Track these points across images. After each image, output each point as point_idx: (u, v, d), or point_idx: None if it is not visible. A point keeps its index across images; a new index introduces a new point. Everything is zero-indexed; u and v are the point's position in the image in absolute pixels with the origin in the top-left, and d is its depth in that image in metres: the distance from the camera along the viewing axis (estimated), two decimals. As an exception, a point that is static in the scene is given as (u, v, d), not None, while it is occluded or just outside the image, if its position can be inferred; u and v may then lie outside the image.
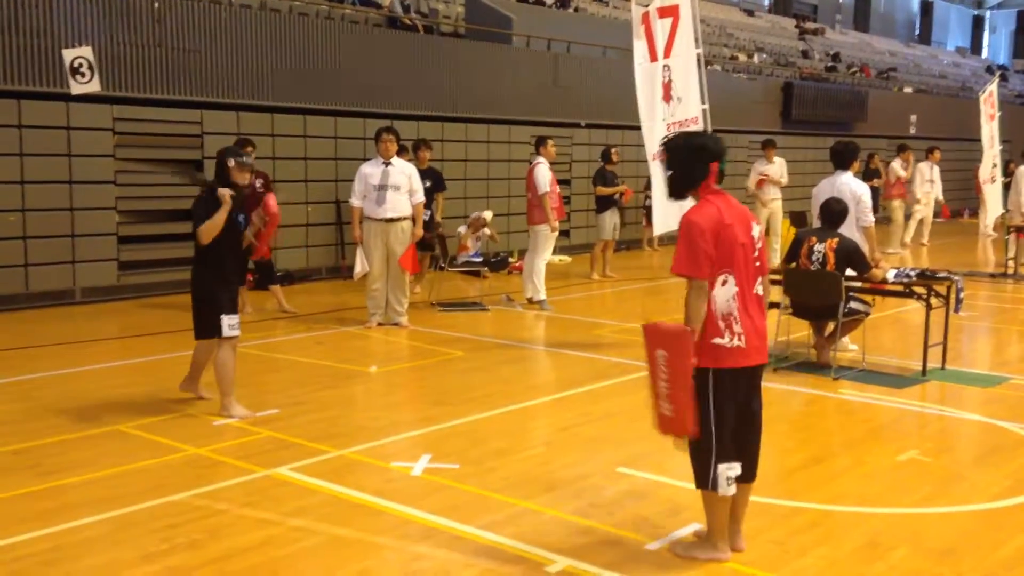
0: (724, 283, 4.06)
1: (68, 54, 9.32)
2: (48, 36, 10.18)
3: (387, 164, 9.35)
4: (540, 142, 11.13)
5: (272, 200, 6.44)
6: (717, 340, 4.06)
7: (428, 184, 10.61)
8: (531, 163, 11.05)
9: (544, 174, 10.63)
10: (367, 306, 9.61)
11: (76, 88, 9.34)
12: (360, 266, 9.43)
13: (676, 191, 4.26)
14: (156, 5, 11.01)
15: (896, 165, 17.69)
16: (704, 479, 4.14)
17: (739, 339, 4.09)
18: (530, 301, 10.88)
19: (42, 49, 10.17)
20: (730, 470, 4.13)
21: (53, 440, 5.81)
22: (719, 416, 4.10)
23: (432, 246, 11.16)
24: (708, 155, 4.13)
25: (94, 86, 9.42)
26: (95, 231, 10.77)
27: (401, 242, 9.35)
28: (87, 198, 10.68)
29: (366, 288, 9.61)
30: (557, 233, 11.01)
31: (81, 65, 9.27)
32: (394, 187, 9.30)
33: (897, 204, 17.45)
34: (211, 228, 6.17)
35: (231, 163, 6.25)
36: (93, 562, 4.13)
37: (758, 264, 4.18)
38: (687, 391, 3.96)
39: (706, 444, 4.10)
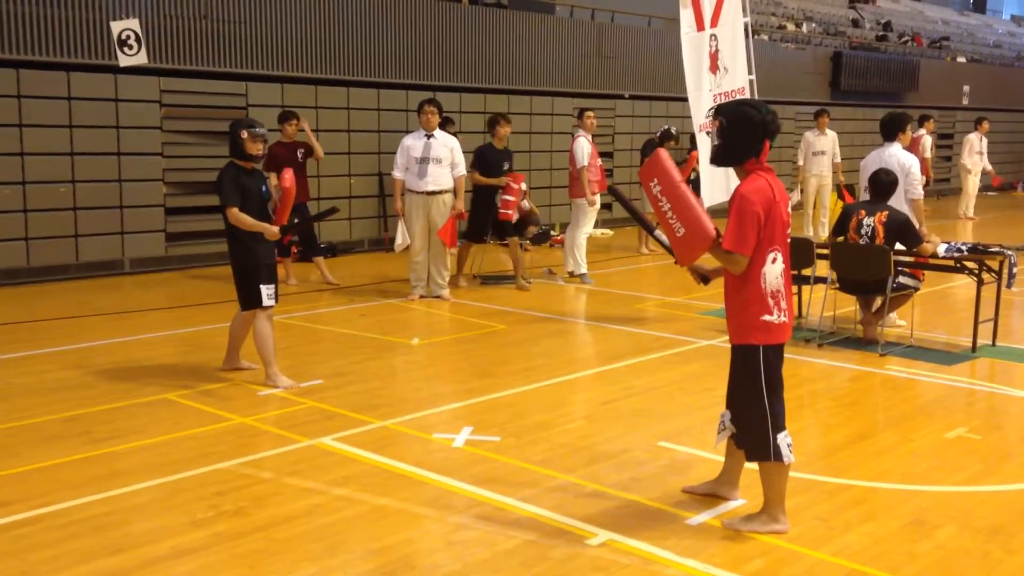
0: (774, 260, 4.10)
1: (116, 26, 9.41)
2: (96, 9, 10.29)
3: (429, 136, 9.33)
4: (580, 115, 11.02)
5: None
6: (767, 317, 4.11)
7: (507, 167, 10.10)
8: (573, 136, 10.95)
9: (582, 147, 10.52)
10: (409, 278, 9.65)
11: (124, 60, 9.44)
12: (401, 238, 9.46)
13: (721, 161, 4.24)
14: (201, -23, 11.07)
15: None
16: (764, 451, 4.18)
17: (784, 315, 4.16)
18: (571, 275, 10.85)
19: (90, 22, 10.28)
20: (787, 438, 4.19)
21: (104, 408, 5.93)
22: (770, 388, 4.17)
23: (523, 231, 10.72)
24: (764, 132, 4.10)
25: (141, 58, 9.52)
26: (143, 202, 10.93)
27: (442, 215, 9.35)
28: (135, 170, 10.83)
29: (408, 260, 9.64)
30: (598, 207, 10.93)
31: (129, 37, 9.36)
32: (436, 160, 9.28)
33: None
34: (242, 224, 6.27)
35: (244, 135, 6.29)
36: (144, 527, 4.22)
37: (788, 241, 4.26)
38: (686, 201, 4.06)
39: (760, 417, 4.18)
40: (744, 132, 4.10)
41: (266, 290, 6.35)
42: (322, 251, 11.12)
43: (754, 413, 4.19)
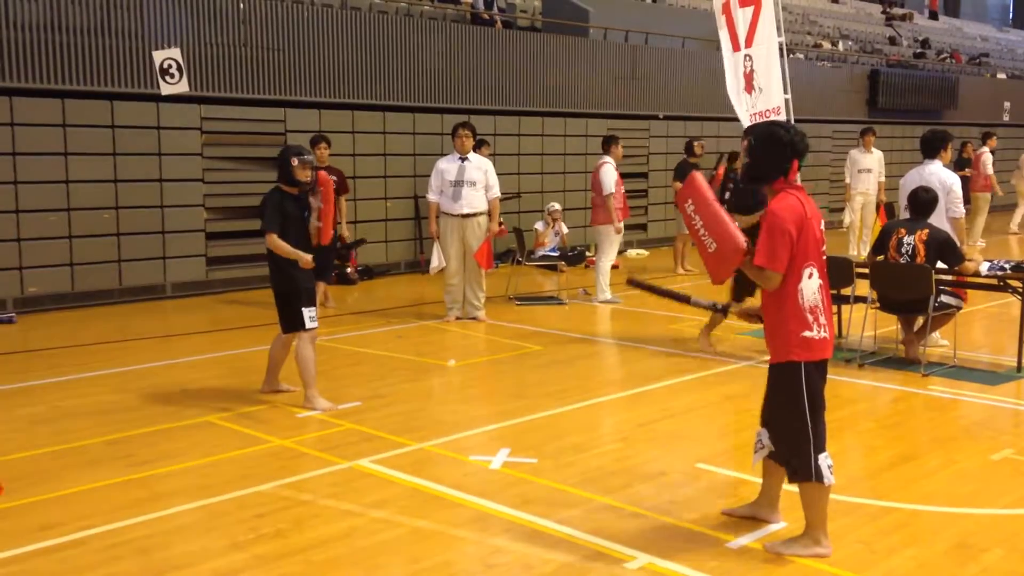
0: (810, 276, 4.10)
1: (158, 55, 9.61)
2: (138, 38, 10.52)
3: (463, 159, 9.39)
4: (610, 142, 10.87)
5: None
6: (807, 333, 4.10)
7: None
8: (599, 163, 10.69)
9: (610, 174, 10.48)
10: (445, 300, 9.69)
11: (166, 89, 9.63)
12: (437, 261, 9.49)
13: (752, 179, 4.29)
14: (241, 6, 11.28)
15: None
16: (805, 471, 4.14)
17: (824, 330, 4.15)
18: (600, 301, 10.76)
19: (133, 51, 10.51)
20: (828, 459, 4.15)
21: (146, 431, 6.01)
22: (812, 407, 4.14)
23: None
24: (792, 151, 4.14)
25: (183, 86, 9.69)
26: (184, 228, 11.10)
27: (477, 237, 9.39)
28: (176, 196, 11.02)
29: (444, 283, 9.69)
30: (623, 233, 10.86)
31: (170, 66, 9.54)
32: (470, 183, 9.33)
33: (984, 196, 16.79)
34: (278, 250, 6.36)
35: (294, 162, 6.37)
36: (185, 549, 4.26)
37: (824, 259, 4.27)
38: (717, 218, 4.15)
39: (803, 436, 4.13)
40: (772, 152, 4.14)
41: (308, 312, 6.44)
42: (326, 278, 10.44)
43: (796, 433, 4.15)
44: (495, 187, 9.52)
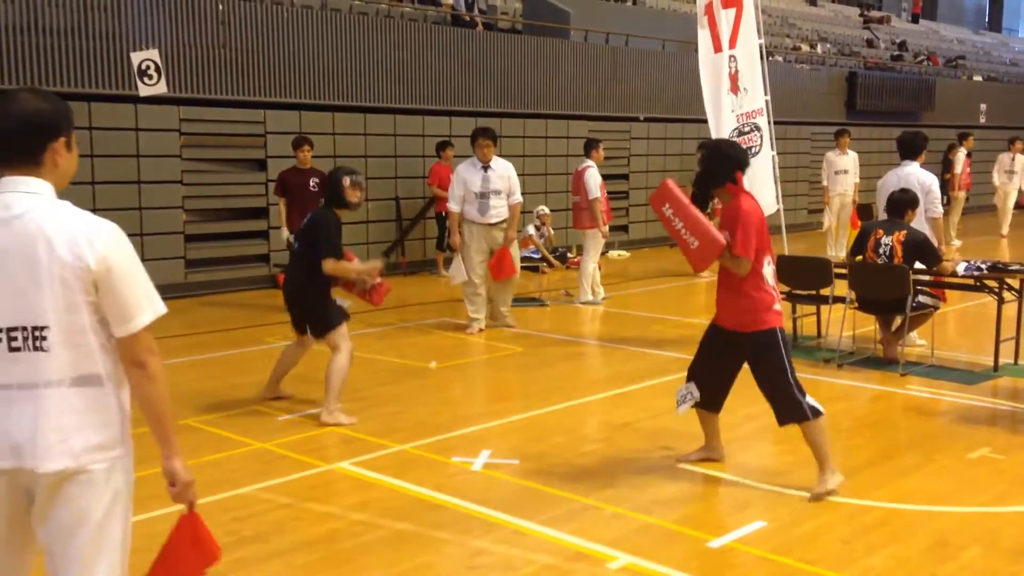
0: (769, 263, 4.98)
1: (136, 57, 9.54)
2: (116, 39, 10.43)
3: (486, 168, 9.04)
4: (592, 145, 10.82)
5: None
6: (776, 306, 5.02)
7: None
8: (581, 166, 10.61)
9: (595, 178, 10.44)
10: (467, 310, 9.26)
11: (144, 90, 9.55)
12: (459, 275, 9.04)
13: (704, 184, 5.05)
14: (220, 7, 11.22)
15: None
16: (800, 414, 4.86)
17: (780, 304, 5.08)
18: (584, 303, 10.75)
19: (111, 52, 10.43)
20: (811, 398, 4.90)
21: (124, 434, 5.95)
22: (789, 360, 4.93)
23: None
24: (736, 164, 4.97)
25: (161, 88, 9.62)
26: (163, 230, 11.01)
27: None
28: (155, 198, 10.93)
29: (466, 292, 9.23)
30: (607, 235, 10.86)
31: (148, 67, 9.48)
32: (495, 192, 9.01)
33: (959, 195, 16.96)
34: (336, 271, 6.24)
35: (346, 182, 6.34)
36: (163, 553, 4.22)
37: None
38: (696, 219, 4.88)
39: (788, 387, 4.90)
40: (721, 163, 4.95)
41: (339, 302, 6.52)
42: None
43: (783, 385, 4.89)
44: (517, 192, 9.16)
